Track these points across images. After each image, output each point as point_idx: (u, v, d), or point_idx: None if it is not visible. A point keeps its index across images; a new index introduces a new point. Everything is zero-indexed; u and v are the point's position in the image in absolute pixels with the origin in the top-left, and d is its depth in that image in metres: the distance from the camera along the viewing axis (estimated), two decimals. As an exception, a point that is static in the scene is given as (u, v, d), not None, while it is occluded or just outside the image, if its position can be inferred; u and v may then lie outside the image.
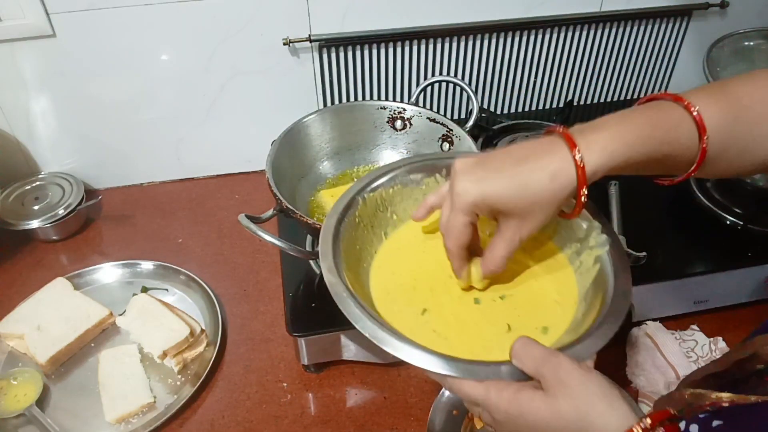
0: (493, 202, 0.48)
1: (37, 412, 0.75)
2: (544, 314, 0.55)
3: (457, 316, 0.55)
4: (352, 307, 0.49)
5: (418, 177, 0.63)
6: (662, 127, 0.48)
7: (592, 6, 1.09)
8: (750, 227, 0.88)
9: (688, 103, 0.48)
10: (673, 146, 0.48)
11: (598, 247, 0.56)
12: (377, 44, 1.04)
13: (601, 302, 0.52)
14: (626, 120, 0.48)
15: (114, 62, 0.97)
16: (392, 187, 0.63)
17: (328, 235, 0.56)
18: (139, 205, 1.09)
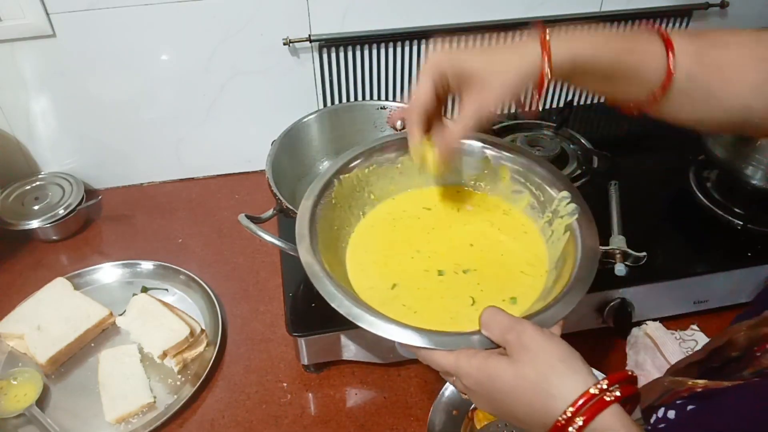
0: (461, 66, 0.51)
1: (37, 412, 0.75)
2: (513, 285, 0.57)
3: (424, 290, 0.57)
4: (327, 286, 0.51)
5: (393, 155, 0.65)
6: (632, 40, 0.51)
7: (592, 6, 1.09)
8: (750, 227, 0.88)
9: (663, 30, 0.51)
10: (639, 60, 0.50)
11: (568, 215, 0.59)
12: (377, 44, 1.04)
13: (570, 269, 0.54)
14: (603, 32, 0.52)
15: (114, 62, 0.97)
16: (368, 167, 0.64)
17: (304, 217, 0.57)
18: (139, 205, 1.09)
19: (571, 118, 1.13)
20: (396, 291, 0.57)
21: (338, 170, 0.62)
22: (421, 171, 0.65)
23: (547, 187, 0.62)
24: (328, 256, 0.55)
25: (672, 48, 0.50)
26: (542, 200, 0.63)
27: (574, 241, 0.56)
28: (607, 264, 0.83)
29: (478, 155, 0.66)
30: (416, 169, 0.65)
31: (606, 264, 0.83)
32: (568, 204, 0.59)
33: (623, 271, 0.81)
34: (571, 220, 0.58)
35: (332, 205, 0.61)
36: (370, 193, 0.65)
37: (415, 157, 0.58)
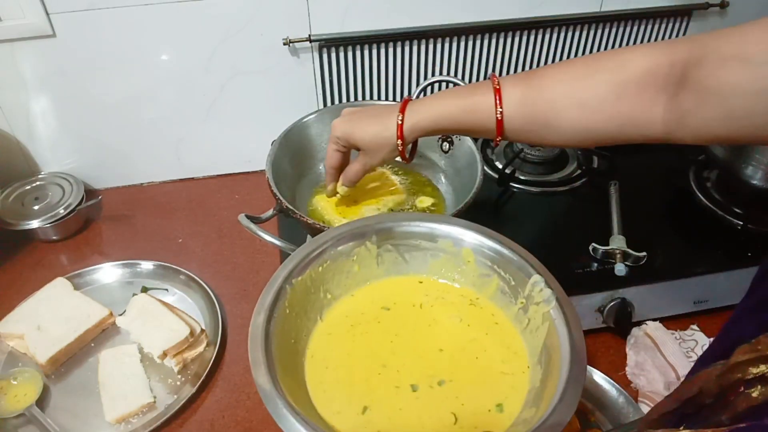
0: (353, 140, 0.70)
1: (37, 412, 0.75)
2: (495, 390, 0.52)
3: (398, 412, 0.51)
4: (292, 425, 0.44)
5: (347, 248, 0.59)
6: (471, 97, 0.62)
7: (592, 6, 1.09)
8: (750, 227, 0.88)
9: (498, 84, 0.60)
10: (476, 118, 0.61)
11: (544, 302, 0.54)
12: (377, 44, 1.04)
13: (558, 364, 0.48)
14: (443, 97, 0.65)
15: (114, 62, 0.97)
16: (321, 266, 0.58)
17: (256, 338, 0.50)
18: (139, 205, 1.09)
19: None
20: (367, 416, 0.50)
21: (289, 274, 0.56)
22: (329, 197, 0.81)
23: (517, 270, 0.57)
24: (288, 380, 0.49)
25: (500, 99, 0.60)
26: (513, 284, 0.58)
27: (557, 331, 0.51)
28: (607, 264, 0.83)
29: (439, 240, 0.61)
30: (373, 258, 0.61)
31: (606, 264, 0.84)
32: (542, 290, 0.54)
33: (623, 271, 0.81)
34: (549, 308, 0.53)
35: (286, 315, 0.54)
36: (326, 293, 0.59)
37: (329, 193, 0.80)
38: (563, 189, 0.99)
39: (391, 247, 0.61)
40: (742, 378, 0.45)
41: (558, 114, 0.57)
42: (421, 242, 0.61)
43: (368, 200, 0.83)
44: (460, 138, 0.87)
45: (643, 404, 0.77)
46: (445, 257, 0.62)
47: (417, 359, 0.55)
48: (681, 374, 0.77)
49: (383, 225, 0.61)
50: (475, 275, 0.61)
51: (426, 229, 0.61)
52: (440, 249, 0.61)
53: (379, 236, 0.60)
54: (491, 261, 0.59)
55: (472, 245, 0.60)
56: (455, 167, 0.89)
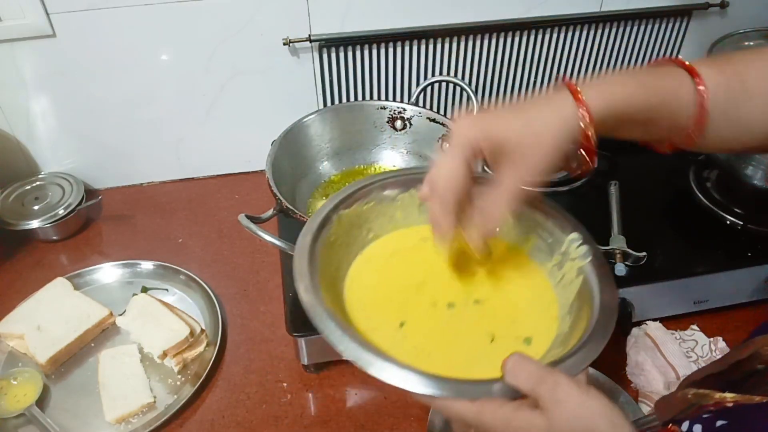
0: (495, 136, 0.45)
1: (37, 412, 0.75)
2: (525, 324, 0.54)
3: (435, 327, 0.53)
4: (333, 329, 0.47)
5: (392, 193, 0.61)
6: (664, 84, 0.48)
7: (592, 6, 1.09)
8: (750, 227, 0.88)
9: (691, 66, 0.48)
10: (673, 103, 0.48)
11: (580, 258, 0.55)
12: (377, 44, 1.04)
13: (589, 314, 0.50)
14: (630, 75, 0.49)
15: (114, 62, 0.97)
16: (366, 204, 0.60)
17: (303, 255, 0.53)
18: (139, 205, 1.09)
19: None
20: (404, 330, 0.53)
21: (336, 206, 0.58)
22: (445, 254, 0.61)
23: (555, 229, 0.58)
24: (327, 296, 0.51)
25: (701, 82, 0.48)
26: (550, 242, 0.59)
27: (588, 286, 0.53)
28: (607, 264, 0.83)
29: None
30: (416, 207, 0.62)
31: (606, 264, 0.84)
32: (579, 246, 0.56)
33: (623, 271, 0.81)
34: (584, 263, 0.54)
35: (330, 242, 0.56)
36: (368, 231, 0.61)
37: (445, 242, 0.51)
38: (563, 189, 0.99)
39: None
40: None
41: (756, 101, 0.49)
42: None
43: None
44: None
45: (643, 404, 0.77)
46: None
47: (453, 279, 0.57)
48: (681, 374, 0.77)
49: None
50: (514, 232, 0.61)
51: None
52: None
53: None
54: (530, 220, 0.59)
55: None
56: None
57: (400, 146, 0.93)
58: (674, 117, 0.48)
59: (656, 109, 0.48)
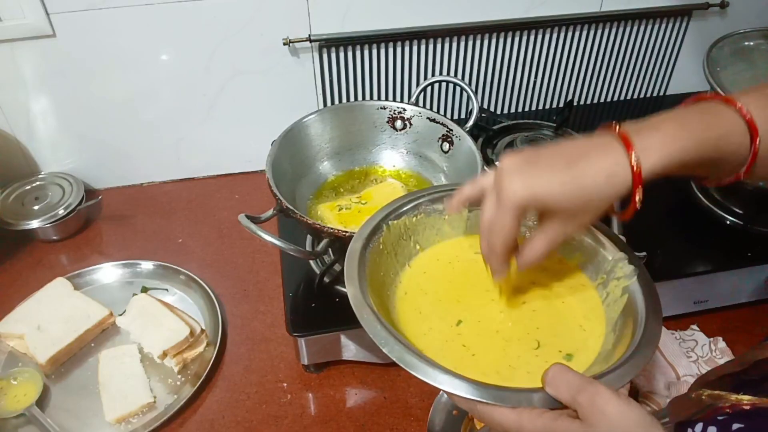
0: (545, 201, 0.47)
1: (37, 412, 0.75)
2: (570, 338, 0.55)
3: (488, 327, 0.55)
4: (379, 330, 0.48)
5: (441, 207, 0.63)
6: (716, 130, 0.47)
7: (592, 6, 1.09)
8: (750, 227, 0.88)
9: (741, 105, 0.47)
10: (725, 149, 0.48)
11: (626, 278, 0.56)
12: (377, 44, 1.04)
13: (632, 332, 0.51)
14: (682, 121, 0.47)
15: (114, 62, 0.97)
16: (416, 216, 0.62)
17: (353, 260, 0.55)
18: (139, 205, 1.09)
19: (571, 118, 1.13)
20: (460, 328, 0.55)
21: (387, 215, 0.61)
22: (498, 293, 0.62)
23: (601, 250, 0.59)
24: (375, 300, 0.53)
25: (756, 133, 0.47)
26: (595, 262, 0.60)
27: (634, 305, 0.54)
28: (607, 264, 0.83)
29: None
30: (464, 221, 0.64)
31: (606, 264, 0.84)
32: (623, 266, 0.56)
33: (623, 271, 0.81)
34: (630, 282, 0.55)
35: (380, 250, 0.59)
36: (415, 243, 0.63)
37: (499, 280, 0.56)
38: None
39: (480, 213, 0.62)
40: None
41: None
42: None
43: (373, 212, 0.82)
44: (460, 138, 0.87)
45: (643, 404, 0.77)
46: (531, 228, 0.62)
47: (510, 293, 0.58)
48: (681, 374, 0.77)
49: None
50: (561, 249, 0.62)
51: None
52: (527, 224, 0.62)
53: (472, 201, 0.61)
54: (577, 240, 0.61)
55: None
56: (455, 167, 0.89)
57: (400, 146, 0.93)
58: (726, 162, 0.49)
59: (709, 158, 0.48)
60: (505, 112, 1.21)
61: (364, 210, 0.82)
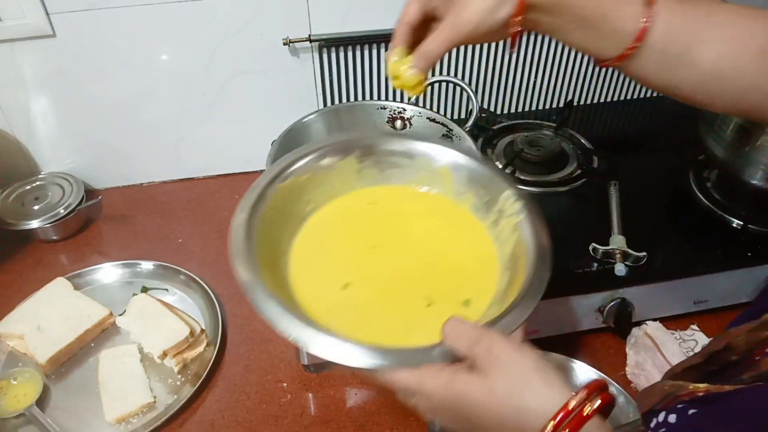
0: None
1: (37, 412, 0.75)
2: (466, 286, 0.55)
3: (378, 289, 0.54)
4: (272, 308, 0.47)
5: (330, 161, 0.61)
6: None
7: (592, 6, 1.09)
8: (750, 227, 0.88)
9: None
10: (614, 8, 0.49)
11: (515, 214, 0.56)
12: (377, 44, 1.04)
13: (524, 270, 0.51)
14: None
15: (114, 62, 0.97)
16: (304, 175, 0.60)
17: (239, 234, 0.53)
18: (139, 205, 1.09)
19: (571, 118, 1.14)
20: (348, 292, 0.54)
21: (272, 179, 0.58)
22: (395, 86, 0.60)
23: (490, 187, 0.60)
24: (267, 273, 0.51)
25: (650, 13, 0.49)
26: (487, 200, 0.60)
27: (524, 240, 0.54)
28: (607, 264, 0.83)
29: (418, 158, 0.63)
30: (355, 173, 0.62)
31: (606, 264, 0.84)
32: (514, 202, 0.57)
33: (623, 271, 0.81)
34: (518, 219, 0.56)
35: (268, 217, 0.56)
36: (308, 203, 0.61)
37: (390, 72, 0.56)
38: (563, 189, 0.99)
39: (371, 163, 0.63)
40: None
41: (709, 44, 0.49)
42: (400, 159, 0.63)
43: None
44: (460, 138, 0.87)
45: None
46: (423, 175, 0.63)
47: (399, 244, 0.59)
48: (681, 374, 0.77)
49: (365, 141, 0.62)
50: (452, 191, 0.63)
51: (405, 147, 0.62)
52: (418, 167, 0.63)
53: (361, 151, 0.62)
54: (467, 178, 0.61)
55: (448, 163, 0.62)
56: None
57: (400, 146, 0.93)
58: (618, 26, 0.49)
59: (601, 15, 0.49)
60: (505, 112, 1.21)
61: None
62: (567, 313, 0.82)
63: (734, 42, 0.49)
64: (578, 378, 0.80)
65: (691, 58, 0.50)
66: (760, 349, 0.46)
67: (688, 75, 0.51)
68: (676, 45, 0.50)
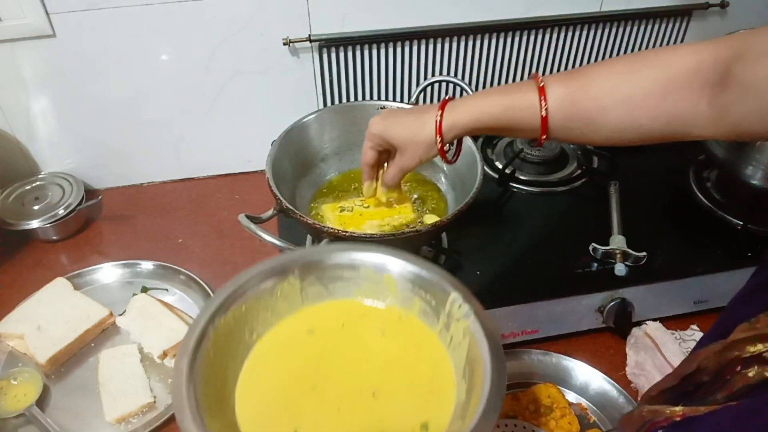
0: (387, 136, 0.69)
1: (37, 412, 0.75)
2: (422, 405, 0.52)
3: (327, 429, 0.52)
4: None
5: (270, 284, 0.58)
6: (514, 95, 0.61)
7: (592, 6, 1.09)
8: (750, 227, 0.88)
9: (542, 86, 0.59)
10: (519, 116, 0.61)
11: (464, 318, 0.54)
12: (377, 44, 1.04)
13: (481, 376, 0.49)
14: (484, 96, 0.63)
15: (114, 62, 0.97)
16: (244, 305, 0.57)
17: (180, 382, 0.48)
18: (139, 205, 1.09)
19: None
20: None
21: (212, 316, 0.54)
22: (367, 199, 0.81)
23: (436, 291, 0.57)
24: (215, 423, 0.48)
25: (545, 96, 0.58)
26: (434, 304, 0.58)
27: (477, 344, 0.52)
28: (607, 264, 0.83)
29: (361, 268, 0.61)
30: (298, 293, 0.60)
31: (606, 264, 0.84)
32: (461, 306, 0.55)
33: (623, 271, 0.81)
34: (468, 322, 0.53)
35: (211, 357, 0.52)
36: (251, 332, 0.58)
37: (366, 193, 0.79)
38: (563, 189, 0.99)
39: (314, 279, 0.61)
40: (739, 356, 0.46)
41: (603, 111, 0.57)
42: (344, 272, 0.61)
43: (375, 216, 0.82)
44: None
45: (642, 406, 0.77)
46: (367, 284, 0.61)
47: (344, 377, 0.56)
48: (681, 374, 0.77)
49: (305, 259, 0.60)
50: (399, 299, 0.61)
51: (347, 260, 0.61)
52: (362, 277, 0.61)
53: (301, 271, 0.60)
54: (412, 284, 0.59)
55: (392, 271, 0.60)
56: (455, 167, 0.89)
57: (400, 146, 0.93)
58: (527, 127, 0.61)
59: (512, 124, 0.62)
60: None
61: (365, 214, 0.82)
62: (567, 313, 0.82)
63: (624, 99, 0.56)
64: (578, 378, 0.80)
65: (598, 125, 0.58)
66: (731, 369, 0.47)
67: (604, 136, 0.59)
68: (579, 123, 0.59)
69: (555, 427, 0.72)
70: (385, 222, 0.81)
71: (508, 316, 0.80)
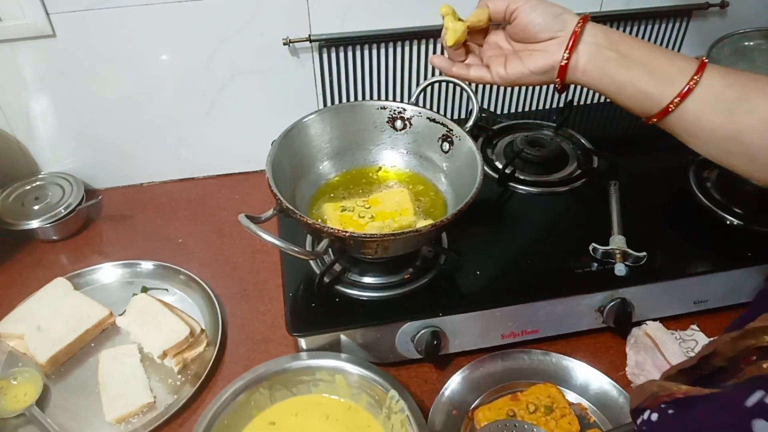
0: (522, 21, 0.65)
1: (37, 412, 0.75)
2: None
3: None
4: None
5: (244, 396, 0.73)
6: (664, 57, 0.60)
7: (592, 6, 1.09)
8: (750, 227, 0.88)
9: (703, 60, 0.58)
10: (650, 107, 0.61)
11: (400, 411, 0.70)
12: (377, 44, 1.04)
13: None
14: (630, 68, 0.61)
15: (114, 62, 0.97)
16: (226, 419, 0.71)
17: None
18: (139, 205, 1.09)
19: (571, 118, 1.14)
20: None
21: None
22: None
23: (377, 388, 0.72)
24: None
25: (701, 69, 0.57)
26: (377, 399, 0.73)
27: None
28: (607, 264, 0.83)
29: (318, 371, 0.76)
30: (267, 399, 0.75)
31: (606, 264, 0.84)
32: (397, 402, 0.70)
33: (623, 271, 0.81)
34: (404, 416, 0.69)
35: None
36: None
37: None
38: (563, 189, 0.99)
39: (280, 386, 0.75)
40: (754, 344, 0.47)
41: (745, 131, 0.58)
42: (304, 376, 0.76)
43: (377, 218, 0.83)
44: (460, 138, 0.87)
45: (643, 404, 0.77)
46: (323, 384, 0.76)
47: None
48: (681, 374, 0.77)
49: (272, 371, 0.75)
50: (349, 394, 0.76)
51: (306, 366, 0.76)
52: (319, 379, 0.76)
53: (269, 381, 0.74)
54: (357, 383, 0.74)
55: (343, 373, 0.75)
56: (455, 167, 0.89)
57: (400, 146, 0.93)
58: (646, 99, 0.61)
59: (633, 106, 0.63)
60: (505, 112, 1.21)
61: (366, 215, 0.83)
62: (567, 313, 0.82)
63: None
64: (578, 378, 0.80)
65: (747, 105, 0.57)
66: (746, 358, 0.48)
67: (750, 120, 0.57)
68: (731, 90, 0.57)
69: (555, 427, 0.72)
70: (386, 224, 0.81)
71: (508, 316, 0.80)
